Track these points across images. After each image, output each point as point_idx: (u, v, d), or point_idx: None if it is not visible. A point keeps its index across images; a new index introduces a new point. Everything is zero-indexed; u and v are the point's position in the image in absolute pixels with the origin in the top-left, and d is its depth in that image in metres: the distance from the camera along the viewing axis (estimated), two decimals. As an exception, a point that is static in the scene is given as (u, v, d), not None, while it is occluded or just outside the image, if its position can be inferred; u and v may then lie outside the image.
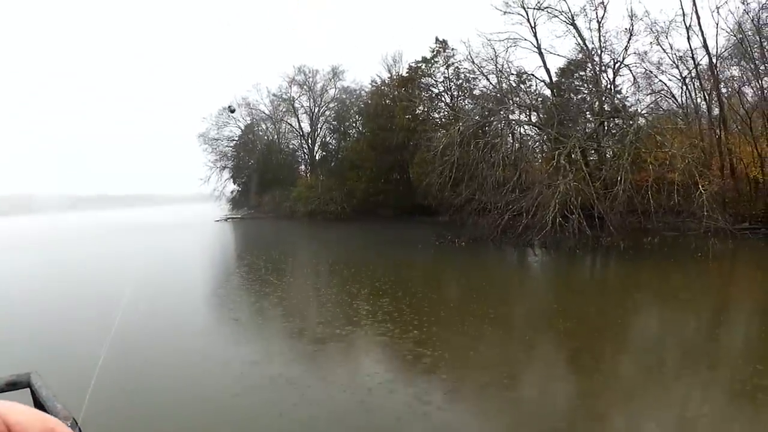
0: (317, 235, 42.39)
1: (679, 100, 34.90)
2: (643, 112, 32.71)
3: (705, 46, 32.01)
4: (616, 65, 34.77)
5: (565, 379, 9.28)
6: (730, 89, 32.93)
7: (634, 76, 34.72)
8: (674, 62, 33.59)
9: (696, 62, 32.91)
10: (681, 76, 33.93)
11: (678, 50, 33.38)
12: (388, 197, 47.57)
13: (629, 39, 33.79)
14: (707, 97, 33.44)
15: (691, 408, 7.78)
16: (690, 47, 32.61)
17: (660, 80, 34.52)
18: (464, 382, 8.96)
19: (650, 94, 34.66)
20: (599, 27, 34.43)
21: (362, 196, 48.09)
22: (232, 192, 68.83)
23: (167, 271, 24.02)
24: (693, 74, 33.46)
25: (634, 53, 34.08)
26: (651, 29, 33.20)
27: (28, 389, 2.16)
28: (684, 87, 34.30)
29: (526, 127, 36.90)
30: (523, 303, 16.31)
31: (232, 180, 67.81)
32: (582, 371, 9.49)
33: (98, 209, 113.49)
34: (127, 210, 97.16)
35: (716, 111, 32.60)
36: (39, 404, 2.03)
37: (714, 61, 32.11)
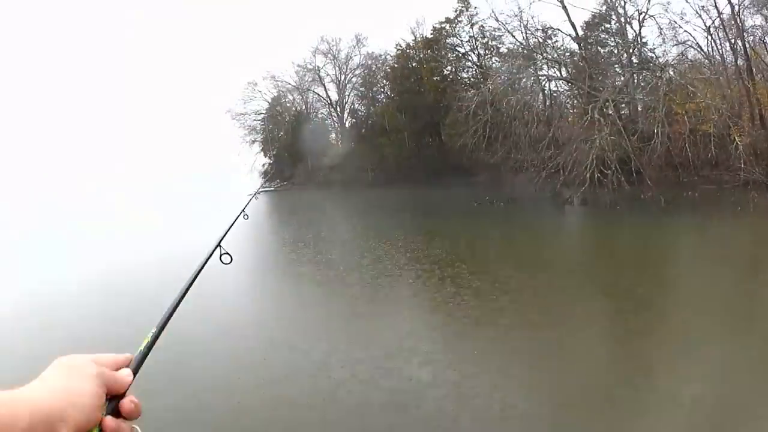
0: (355, 203, 43.17)
1: (705, 50, 34.80)
2: (672, 62, 32.84)
3: (726, -7, 31.61)
4: (641, 16, 34.68)
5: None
6: (754, 38, 32.56)
7: (660, 27, 34.50)
8: (697, 12, 33.41)
9: (719, 11, 32.65)
10: (705, 26, 33.71)
11: (700, -2, 32.94)
12: (421, 161, 47.80)
13: (651, -13, 33.36)
14: (732, 47, 33.13)
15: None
16: (711, -5, 32.20)
17: (685, 30, 34.37)
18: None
19: (676, 45, 34.58)
20: (621, -24, 34.06)
21: (395, 161, 48.67)
22: (263, 165, 68.81)
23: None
24: (717, 24, 33.15)
25: (658, 3, 33.95)
26: (672, -24, 32.75)
27: None
28: (709, 37, 34.07)
29: (555, 82, 37.37)
30: (582, 266, 16.84)
31: (262, 153, 68.39)
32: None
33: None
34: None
35: (741, 61, 32.38)
36: None
37: (737, 9, 31.78)
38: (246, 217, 4.32)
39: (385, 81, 56.51)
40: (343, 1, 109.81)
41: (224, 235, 2.90)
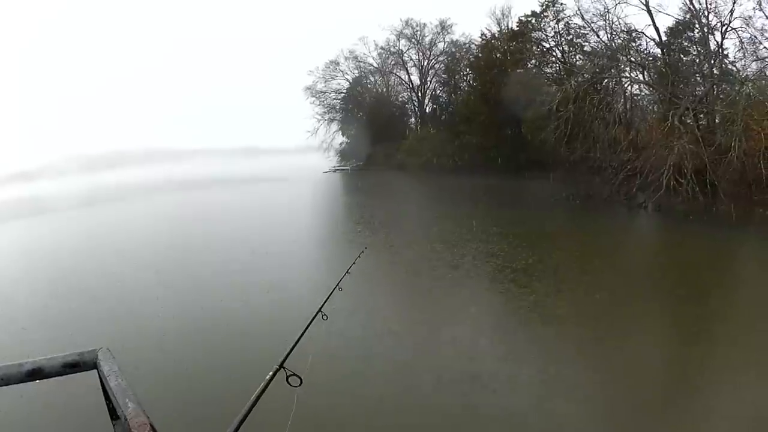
0: (436, 186, 45.42)
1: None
2: (752, 78, 32.21)
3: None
4: (724, 28, 33.62)
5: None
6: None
7: (741, 41, 33.40)
8: (776, 28, 32.23)
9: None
10: (784, 42, 32.67)
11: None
12: (500, 152, 48.35)
13: (734, 2, 32.67)
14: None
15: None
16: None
17: (765, 47, 33.00)
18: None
19: (756, 60, 33.40)
20: (705, -14, 33.67)
21: (474, 150, 49.54)
22: (340, 144, 70.84)
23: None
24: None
25: (740, 17, 32.87)
26: (752, -8, 32.13)
27: (95, 371, 1.71)
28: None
29: (636, 86, 38.10)
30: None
31: (340, 132, 70.12)
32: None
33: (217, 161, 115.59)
34: (240, 161, 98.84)
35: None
36: (106, 395, 1.60)
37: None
38: (325, 317, 3.84)
39: (468, 70, 57.30)
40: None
41: (289, 353, 2.74)
